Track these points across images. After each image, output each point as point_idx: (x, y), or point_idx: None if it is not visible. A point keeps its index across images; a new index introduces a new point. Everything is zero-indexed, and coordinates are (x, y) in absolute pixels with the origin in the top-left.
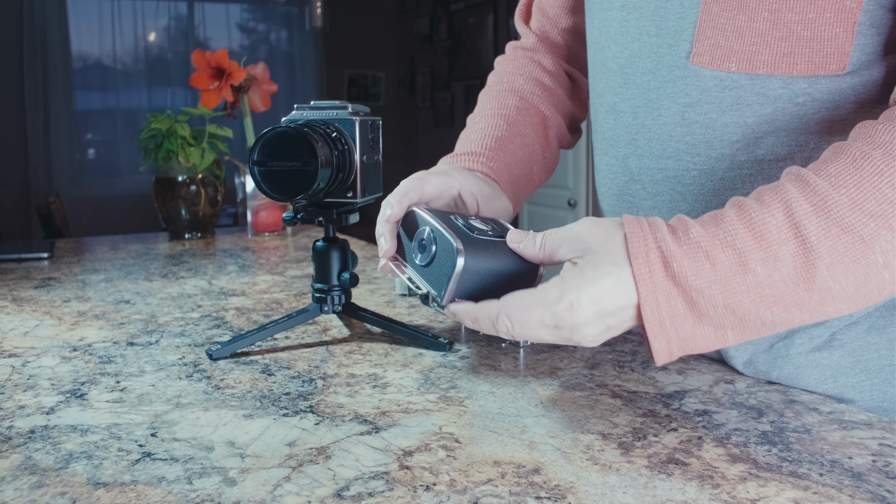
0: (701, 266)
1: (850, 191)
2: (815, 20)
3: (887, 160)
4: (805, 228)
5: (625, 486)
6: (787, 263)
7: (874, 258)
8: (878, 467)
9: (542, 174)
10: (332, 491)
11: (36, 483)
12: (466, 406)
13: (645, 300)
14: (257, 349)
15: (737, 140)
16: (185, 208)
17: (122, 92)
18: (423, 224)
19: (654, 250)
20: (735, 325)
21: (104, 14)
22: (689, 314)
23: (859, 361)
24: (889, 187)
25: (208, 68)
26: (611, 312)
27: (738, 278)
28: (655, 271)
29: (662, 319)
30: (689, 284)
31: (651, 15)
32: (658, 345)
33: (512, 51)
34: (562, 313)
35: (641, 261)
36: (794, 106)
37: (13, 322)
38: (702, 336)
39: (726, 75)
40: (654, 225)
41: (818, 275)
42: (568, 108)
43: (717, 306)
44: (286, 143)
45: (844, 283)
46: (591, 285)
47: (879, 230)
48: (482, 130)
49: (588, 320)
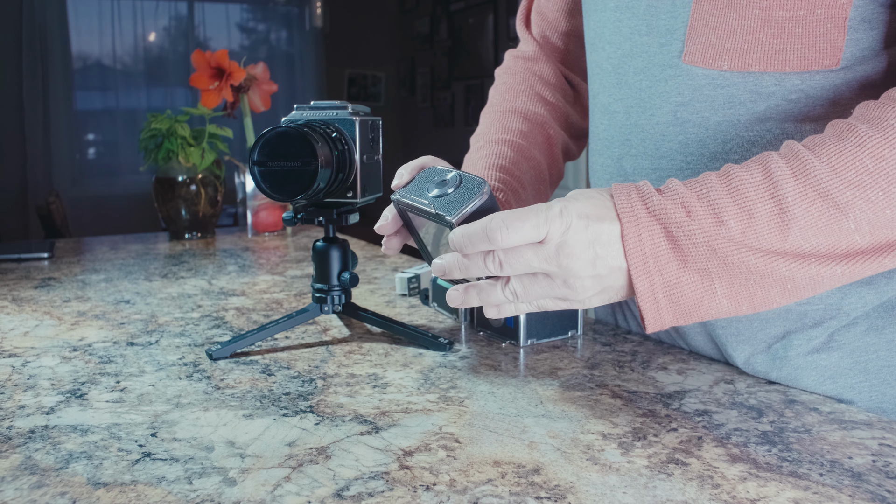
0: (678, 212)
1: (831, 159)
2: (807, 16)
3: (872, 132)
4: (781, 188)
5: (625, 486)
6: (762, 221)
7: (847, 224)
8: (878, 467)
9: (550, 189)
10: (332, 491)
11: (36, 483)
12: (466, 406)
13: (628, 232)
14: (257, 349)
15: (730, 139)
16: (185, 208)
17: (121, 92)
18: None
19: (634, 191)
20: (721, 271)
21: (104, 14)
22: (672, 255)
23: (858, 363)
24: (870, 158)
25: (208, 68)
26: (598, 234)
27: (714, 230)
28: (637, 207)
29: (646, 257)
30: (669, 218)
31: (642, 15)
32: (642, 286)
33: (512, 62)
34: (553, 219)
35: (623, 198)
36: (787, 103)
37: (13, 322)
38: (688, 283)
39: (718, 73)
40: (638, 183)
41: (790, 234)
42: (571, 119)
43: (698, 244)
44: (286, 143)
45: (815, 243)
46: (575, 202)
47: (855, 199)
48: (486, 159)
49: (577, 234)
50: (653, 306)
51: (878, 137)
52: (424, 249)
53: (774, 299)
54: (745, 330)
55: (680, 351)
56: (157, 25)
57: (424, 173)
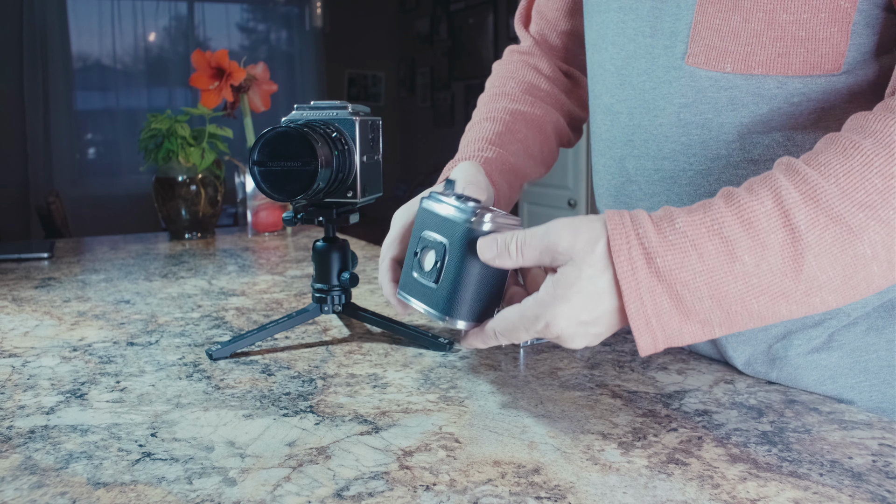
0: (687, 257)
1: (839, 180)
2: (810, 20)
3: (877, 149)
4: (794, 217)
5: (625, 486)
6: (775, 252)
7: (862, 249)
8: (878, 467)
9: (539, 167)
10: (332, 491)
11: (36, 483)
12: (466, 406)
13: (629, 299)
14: (257, 349)
15: (732, 140)
16: (185, 208)
17: (122, 92)
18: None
19: (636, 247)
20: (722, 319)
21: (104, 14)
22: (674, 312)
23: (858, 362)
24: (879, 177)
25: (208, 68)
26: (591, 322)
27: (726, 267)
28: (638, 269)
29: (648, 318)
30: (675, 278)
31: (646, 16)
32: (644, 342)
33: (508, 55)
34: (542, 331)
35: (624, 259)
36: (790, 106)
37: (13, 322)
38: (689, 332)
39: (721, 76)
40: (637, 219)
41: (805, 264)
42: (566, 106)
43: (702, 299)
44: (286, 143)
45: (832, 274)
46: (564, 303)
47: (868, 220)
48: (473, 135)
49: (569, 333)
50: (651, 348)
51: (884, 155)
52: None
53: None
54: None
55: (680, 351)
56: (157, 25)
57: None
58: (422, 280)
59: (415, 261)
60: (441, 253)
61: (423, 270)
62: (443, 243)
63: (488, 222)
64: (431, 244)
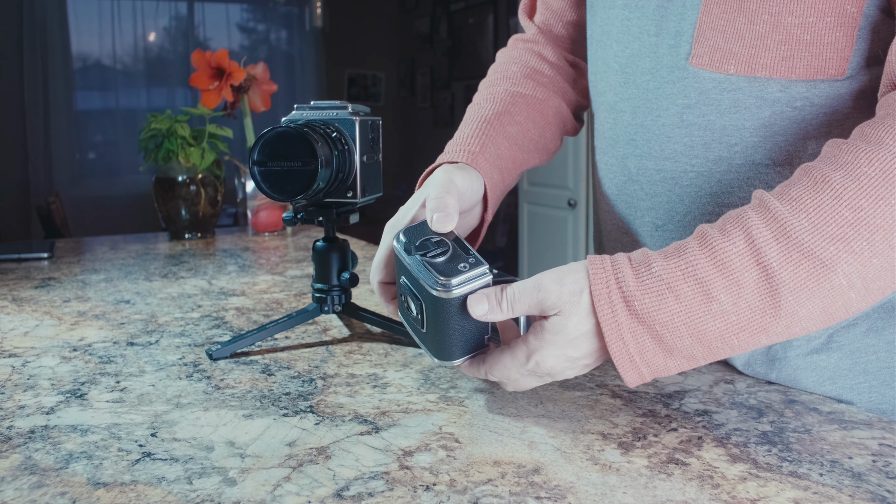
0: (664, 300)
1: (809, 215)
2: (816, 24)
3: (846, 182)
4: (765, 255)
5: (625, 486)
6: (751, 290)
7: (838, 281)
8: (878, 467)
9: (540, 153)
10: (332, 491)
11: (36, 483)
12: (466, 406)
13: (610, 340)
14: (257, 349)
15: (734, 143)
16: (185, 208)
17: (122, 92)
18: None
19: (615, 291)
20: (704, 353)
21: (104, 14)
22: (657, 349)
23: (858, 363)
24: (848, 210)
25: (208, 68)
26: (578, 357)
27: (703, 307)
28: (618, 312)
29: (631, 356)
30: (654, 319)
31: (652, 15)
32: (630, 378)
33: (512, 43)
34: (532, 369)
35: (605, 303)
36: (792, 110)
37: (13, 322)
38: (674, 366)
39: (725, 77)
40: (616, 264)
41: (783, 300)
42: (569, 94)
43: (682, 337)
44: (286, 143)
45: (811, 307)
46: (551, 346)
47: (840, 253)
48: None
49: (559, 369)
50: (639, 381)
51: (853, 188)
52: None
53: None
54: None
55: None
56: (157, 25)
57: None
58: (412, 321)
59: (402, 301)
60: (419, 307)
61: (411, 314)
62: (419, 299)
63: (455, 288)
64: (411, 295)
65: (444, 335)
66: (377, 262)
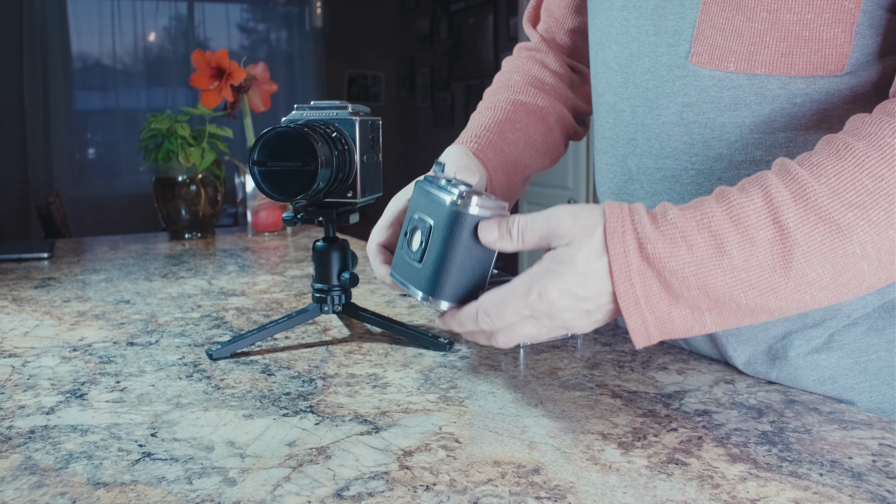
0: (676, 247)
1: (830, 180)
2: (814, 20)
3: (869, 151)
4: (783, 215)
5: (625, 486)
6: (764, 249)
7: (851, 248)
8: (878, 467)
9: (543, 158)
10: (332, 491)
11: (36, 483)
12: (466, 406)
13: (619, 280)
14: (257, 349)
15: (735, 140)
16: (185, 208)
17: (122, 92)
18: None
19: (630, 232)
20: (711, 307)
21: (104, 14)
22: (664, 294)
23: (858, 363)
24: (869, 178)
25: (208, 68)
26: (583, 298)
27: (714, 261)
28: (630, 252)
29: (637, 299)
30: (664, 266)
31: (650, 14)
32: (634, 324)
33: (517, 51)
34: (533, 303)
35: (617, 241)
36: (792, 107)
37: (13, 322)
38: (679, 318)
39: (724, 75)
40: (634, 209)
41: (794, 261)
42: (571, 100)
43: (690, 287)
44: (286, 143)
45: (821, 271)
46: (557, 278)
47: (857, 220)
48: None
49: (561, 307)
50: (643, 336)
51: (876, 157)
52: None
53: (761, 321)
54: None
55: (680, 351)
56: (157, 25)
57: None
58: (409, 260)
59: (404, 241)
60: (426, 233)
61: (411, 250)
62: (429, 223)
63: (475, 205)
64: (419, 224)
65: (444, 266)
66: (381, 223)
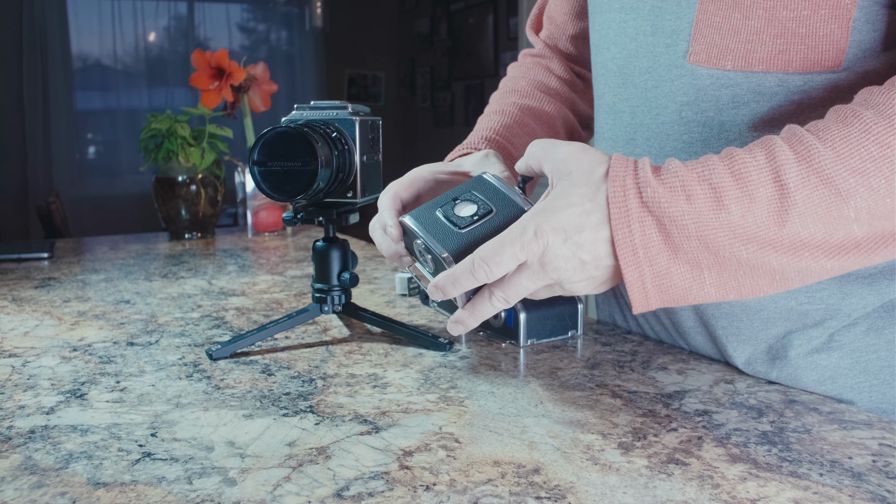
0: (676, 196)
1: (836, 144)
2: (810, 17)
3: (877, 119)
4: (785, 174)
5: (625, 486)
6: (762, 206)
7: (847, 212)
8: (878, 467)
9: None
10: (332, 491)
11: (36, 483)
12: (466, 406)
13: (617, 225)
14: (257, 349)
15: (734, 139)
16: (185, 208)
17: (122, 92)
18: (415, 236)
19: (630, 176)
20: (711, 262)
21: (104, 14)
22: (663, 246)
23: (858, 363)
24: (875, 145)
25: (208, 68)
26: (580, 244)
27: (712, 214)
28: (630, 196)
29: (635, 248)
30: (663, 212)
31: (647, 15)
32: (631, 277)
33: (522, 57)
34: (528, 243)
35: (618, 185)
36: (790, 104)
37: (13, 322)
38: (678, 274)
39: (722, 73)
40: (640, 160)
41: (789, 220)
42: (577, 105)
43: (690, 237)
44: (286, 143)
45: (813, 230)
46: (552, 215)
47: (858, 187)
48: (477, 130)
49: (556, 251)
50: (641, 294)
51: (883, 125)
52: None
53: (762, 289)
54: (745, 330)
55: (680, 351)
56: (157, 25)
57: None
58: (445, 220)
59: (450, 202)
60: (483, 212)
61: (456, 214)
62: (490, 207)
63: None
64: (479, 202)
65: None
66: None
